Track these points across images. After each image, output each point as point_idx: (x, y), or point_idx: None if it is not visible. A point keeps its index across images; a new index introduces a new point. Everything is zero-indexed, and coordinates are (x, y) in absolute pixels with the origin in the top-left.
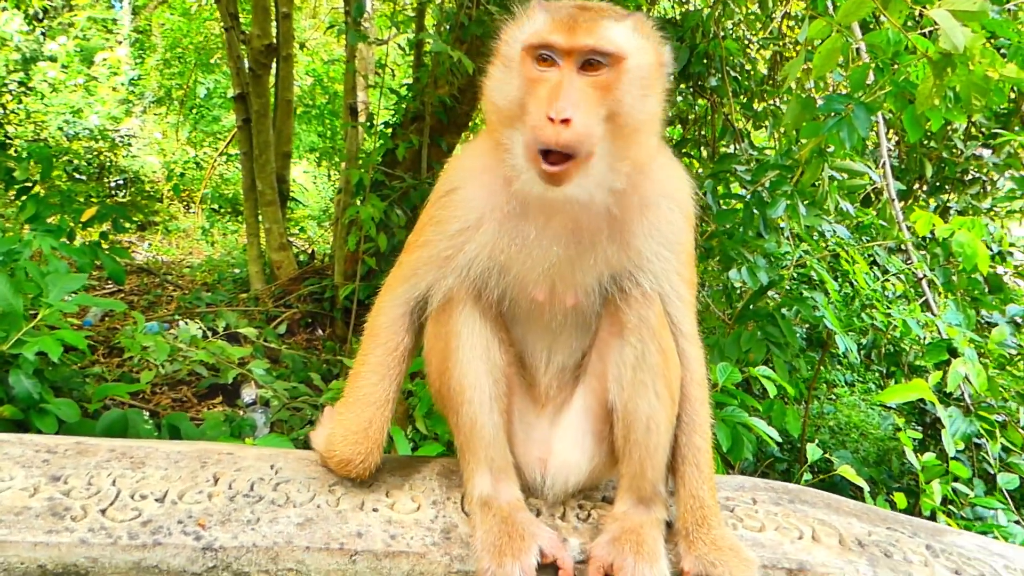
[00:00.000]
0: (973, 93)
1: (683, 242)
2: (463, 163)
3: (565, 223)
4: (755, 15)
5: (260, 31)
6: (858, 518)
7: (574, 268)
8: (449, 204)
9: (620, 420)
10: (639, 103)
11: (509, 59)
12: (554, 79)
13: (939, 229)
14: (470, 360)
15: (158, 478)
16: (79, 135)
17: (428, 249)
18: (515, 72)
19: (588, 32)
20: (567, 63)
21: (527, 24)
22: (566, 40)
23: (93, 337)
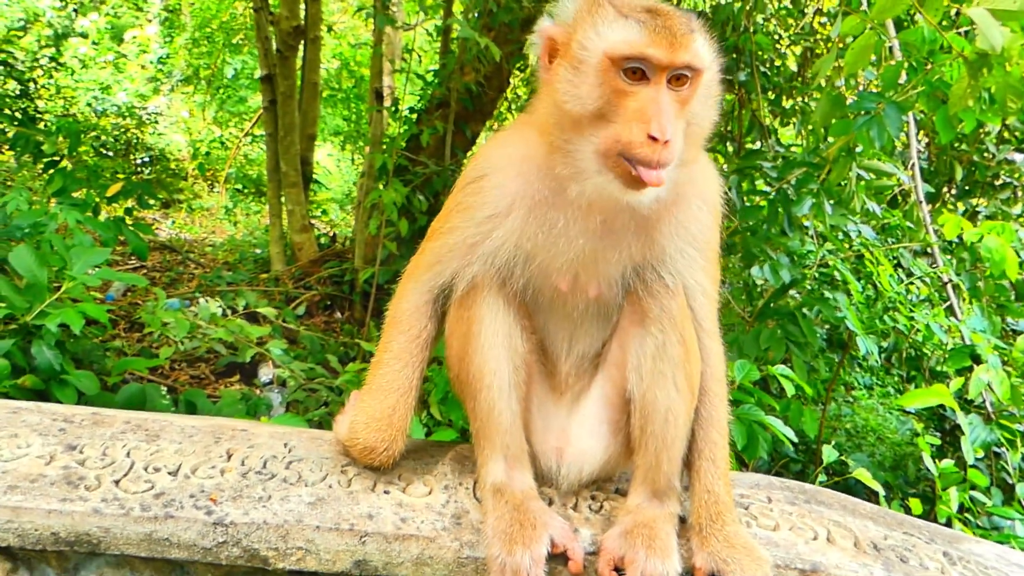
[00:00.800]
0: (1009, 95)
1: (709, 240)
2: (495, 151)
3: (595, 217)
4: (787, 10)
5: (288, 12)
6: (874, 521)
7: (598, 260)
8: (478, 190)
9: (638, 410)
10: (708, 112)
11: (585, 64)
12: (647, 94)
13: (967, 233)
14: (492, 346)
15: (172, 451)
16: (107, 111)
17: (454, 235)
18: (593, 79)
19: (686, 48)
20: (659, 77)
21: (608, 28)
22: (666, 56)
23: (115, 311)
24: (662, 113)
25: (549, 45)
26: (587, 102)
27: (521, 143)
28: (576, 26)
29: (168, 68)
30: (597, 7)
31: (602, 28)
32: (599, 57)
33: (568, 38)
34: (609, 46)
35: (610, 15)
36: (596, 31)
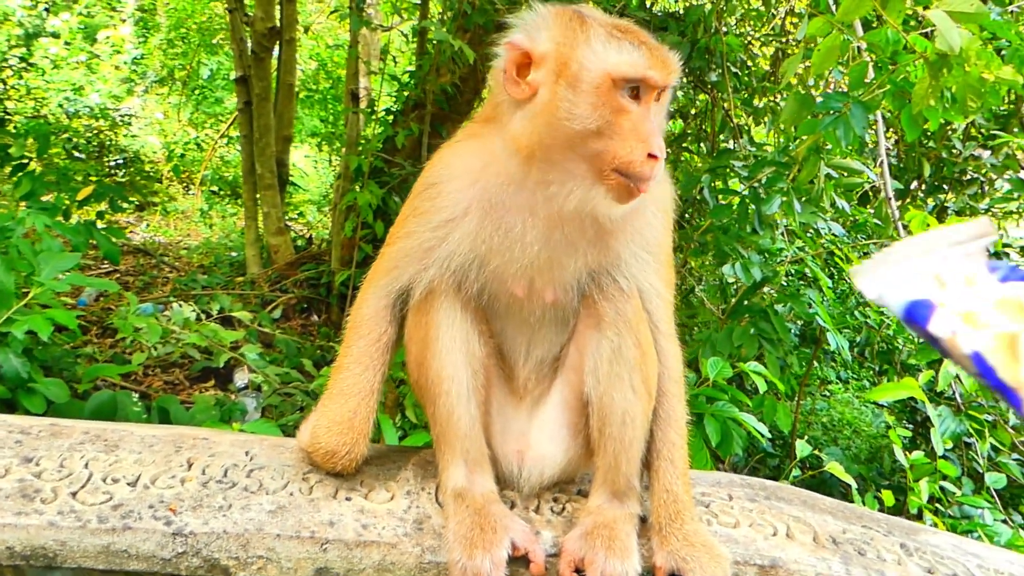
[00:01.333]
0: (969, 94)
1: (662, 244)
2: (452, 157)
3: (559, 225)
4: (757, 11)
5: (264, 13)
6: (833, 515)
7: (553, 266)
8: (435, 195)
9: (596, 413)
10: (664, 122)
11: (585, 83)
12: (640, 113)
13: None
14: (449, 351)
15: (131, 462)
16: (79, 113)
17: (411, 240)
18: (594, 99)
19: (673, 68)
20: (650, 97)
21: (608, 50)
22: (662, 78)
23: (86, 317)
24: (656, 132)
25: (520, 58)
26: (588, 121)
27: (480, 150)
28: (569, 45)
29: (142, 69)
30: (587, 28)
31: (601, 50)
32: (602, 77)
33: (564, 57)
34: (612, 67)
35: (602, 36)
36: (594, 52)
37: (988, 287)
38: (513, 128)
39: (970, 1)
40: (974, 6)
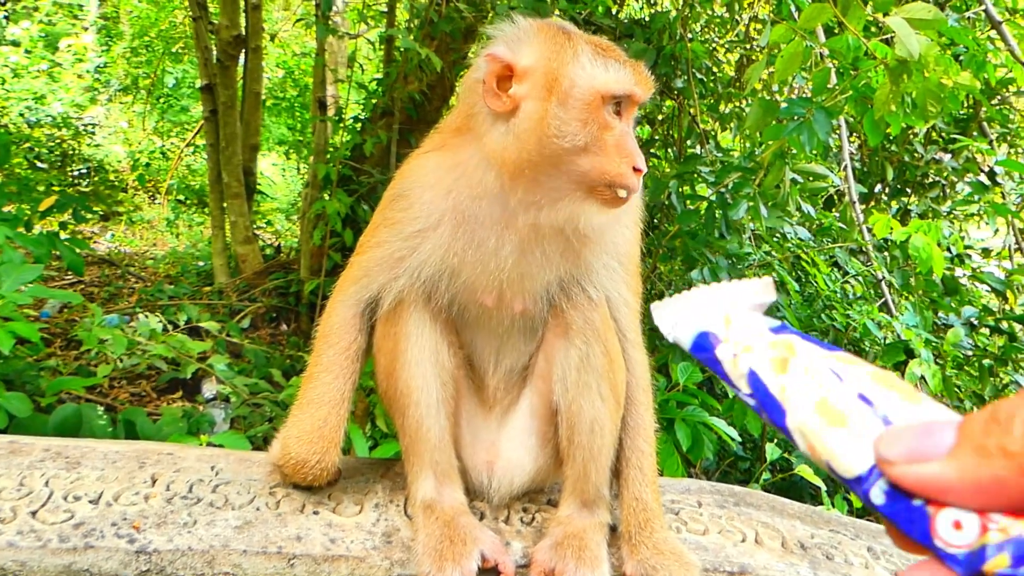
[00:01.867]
0: (928, 100)
1: (630, 252)
2: (422, 169)
3: (529, 236)
4: (721, 18)
5: (229, 21)
6: (801, 520)
7: (524, 278)
8: (407, 206)
9: (564, 421)
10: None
11: (574, 100)
12: (622, 128)
13: (896, 232)
14: (418, 362)
15: (94, 479)
16: (41, 122)
17: (381, 249)
18: (584, 115)
19: (650, 83)
20: (629, 113)
21: (596, 68)
22: (645, 92)
23: (50, 329)
24: (636, 146)
25: (501, 71)
26: (577, 137)
27: (453, 161)
28: (558, 61)
29: (106, 77)
30: (574, 45)
31: (590, 67)
32: (592, 95)
33: (553, 73)
34: (602, 85)
35: (590, 53)
36: (584, 70)
37: (765, 332)
38: (493, 142)
39: (928, 8)
40: (932, 13)
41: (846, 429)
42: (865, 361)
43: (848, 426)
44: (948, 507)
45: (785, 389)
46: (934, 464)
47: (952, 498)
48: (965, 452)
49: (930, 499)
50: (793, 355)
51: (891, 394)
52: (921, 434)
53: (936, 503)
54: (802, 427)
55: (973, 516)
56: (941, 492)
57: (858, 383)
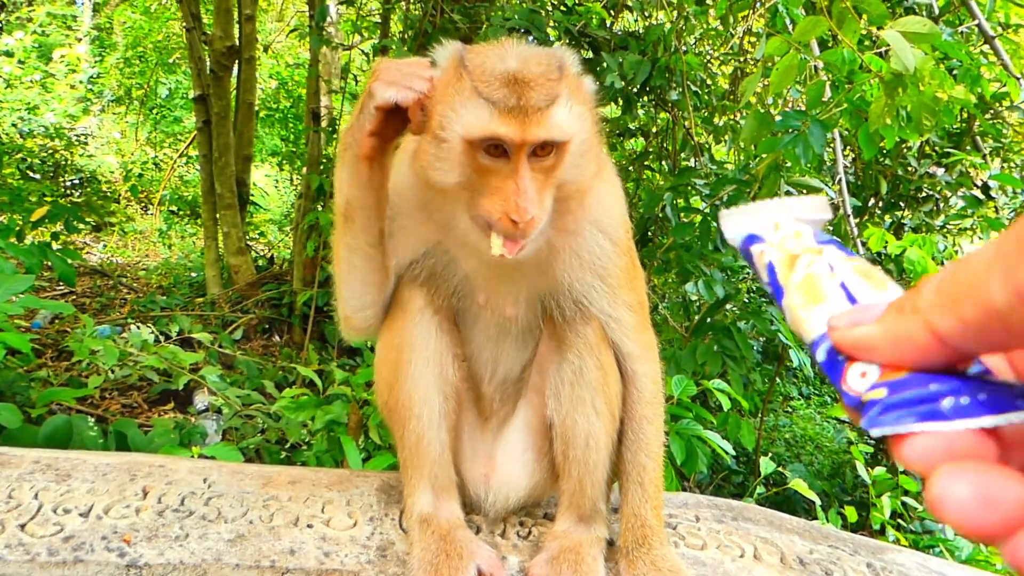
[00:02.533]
0: (923, 113)
1: (611, 267)
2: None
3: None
4: (716, 31)
5: (222, 32)
6: (800, 536)
7: (503, 281)
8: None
9: (559, 436)
10: (582, 170)
11: (448, 144)
12: (505, 171)
13: (891, 246)
14: (422, 375)
15: (84, 491)
16: (34, 132)
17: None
18: (456, 159)
19: (540, 124)
20: (518, 153)
21: (463, 109)
22: (519, 136)
23: (41, 340)
24: (520, 193)
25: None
26: (450, 177)
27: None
28: (438, 97)
29: (99, 88)
30: (458, 79)
31: (459, 107)
32: (457, 139)
33: (430, 109)
34: (464, 129)
35: (467, 91)
36: (454, 110)
37: (808, 239)
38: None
39: (923, 22)
40: (927, 27)
41: (820, 306)
42: (861, 258)
43: (821, 304)
44: (860, 361)
45: (789, 277)
46: (864, 327)
47: (875, 356)
48: (888, 315)
49: (853, 356)
50: (817, 255)
51: (865, 283)
52: (865, 308)
53: (852, 359)
54: (790, 304)
55: (875, 367)
56: (867, 350)
57: (843, 275)
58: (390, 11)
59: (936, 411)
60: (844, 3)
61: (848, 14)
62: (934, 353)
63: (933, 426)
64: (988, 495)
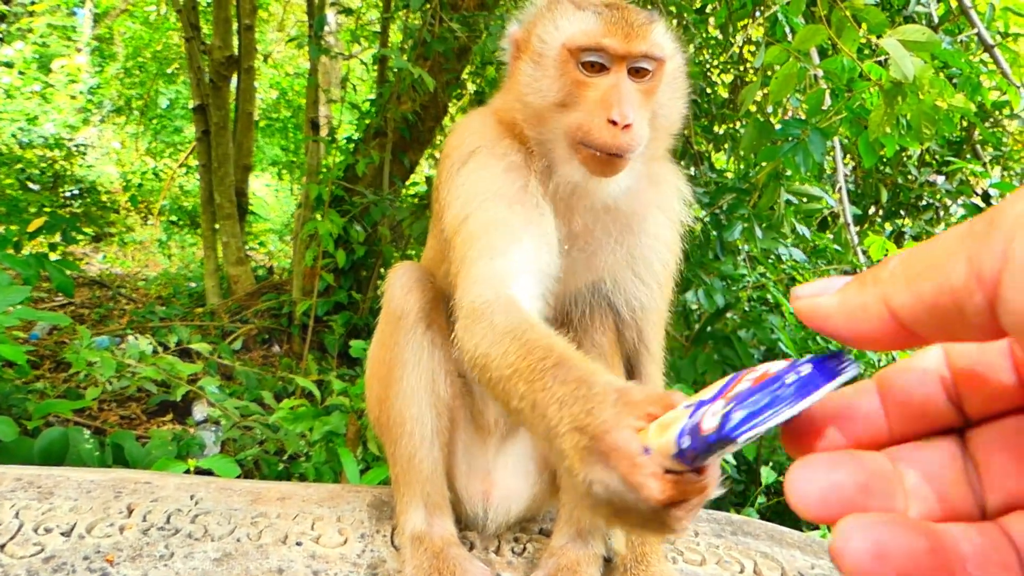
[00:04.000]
0: (923, 121)
1: (669, 255)
2: (477, 127)
3: (584, 225)
4: (715, 40)
5: (221, 42)
6: (801, 550)
7: (576, 272)
8: (486, 162)
9: None
10: (675, 104)
11: (544, 57)
12: (606, 83)
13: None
14: (414, 391)
15: (66, 509)
16: (33, 143)
17: (494, 211)
18: (553, 72)
19: (643, 37)
20: (618, 67)
21: (565, 21)
22: (622, 45)
23: (39, 351)
24: (623, 99)
25: (515, 47)
26: (548, 94)
27: (499, 132)
28: (536, 22)
29: (99, 98)
30: (556, 3)
31: (560, 21)
32: (557, 49)
33: (528, 35)
34: (567, 38)
35: (568, 9)
36: (555, 24)
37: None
38: (498, 105)
39: (922, 31)
40: (926, 35)
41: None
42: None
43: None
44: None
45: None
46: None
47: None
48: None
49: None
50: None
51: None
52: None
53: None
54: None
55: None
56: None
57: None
58: (389, 20)
59: (777, 398)
60: (843, 12)
61: (847, 23)
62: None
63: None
64: (882, 550)
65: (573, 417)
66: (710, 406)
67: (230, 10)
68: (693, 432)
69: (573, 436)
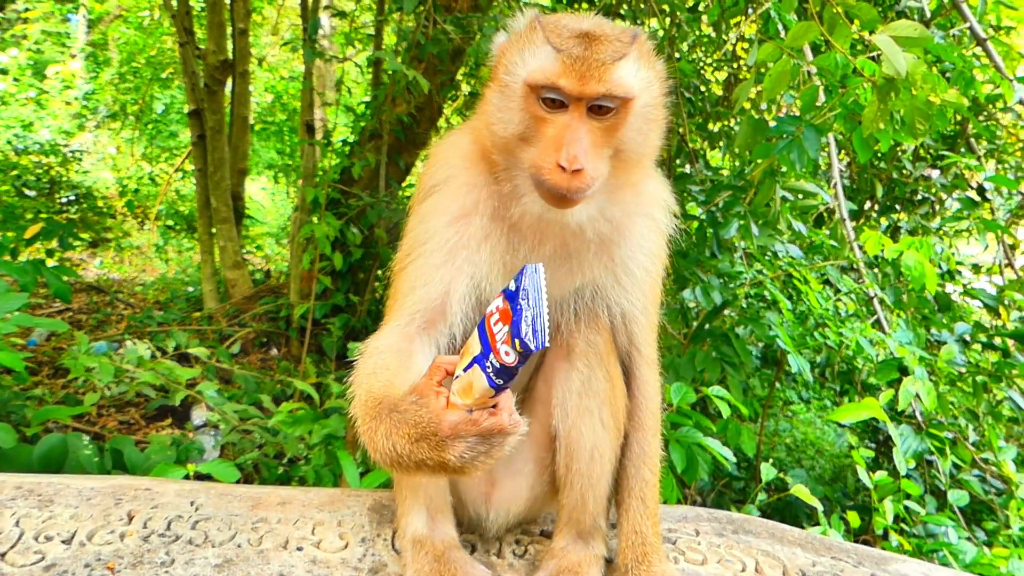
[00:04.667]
0: (917, 117)
1: (654, 262)
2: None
3: (556, 244)
4: (709, 38)
5: (216, 47)
6: (802, 548)
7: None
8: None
9: (563, 447)
10: (645, 138)
11: (510, 90)
12: (562, 122)
13: (888, 249)
14: None
15: (67, 517)
16: (29, 149)
17: (428, 244)
18: (516, 105)
19: (600, 79)
20: (576, 106)
21: (529, 55)
22: (576, 87)
23: (37, 358)
24: (573, 142)
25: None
26: (510, 126)
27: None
28: (506, 50)
29: (94, 104)
30: (531, 31)
31: (526, 54)
32: (519, 84)
33: (498, 62)
34: (527, 73)
35: (536, 42)
36: (521, 57)
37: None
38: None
39: (914, 26)
40: (918, 31)
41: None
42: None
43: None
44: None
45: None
46: None
47: None
48: None
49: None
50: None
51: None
52: None
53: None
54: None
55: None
56: None
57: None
58: (383, 23)
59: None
60: (835, 8)
61: (839, 19)
62: None
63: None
64: None
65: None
66: (491, 356)
67: (224, 15)
68: (500, 370)
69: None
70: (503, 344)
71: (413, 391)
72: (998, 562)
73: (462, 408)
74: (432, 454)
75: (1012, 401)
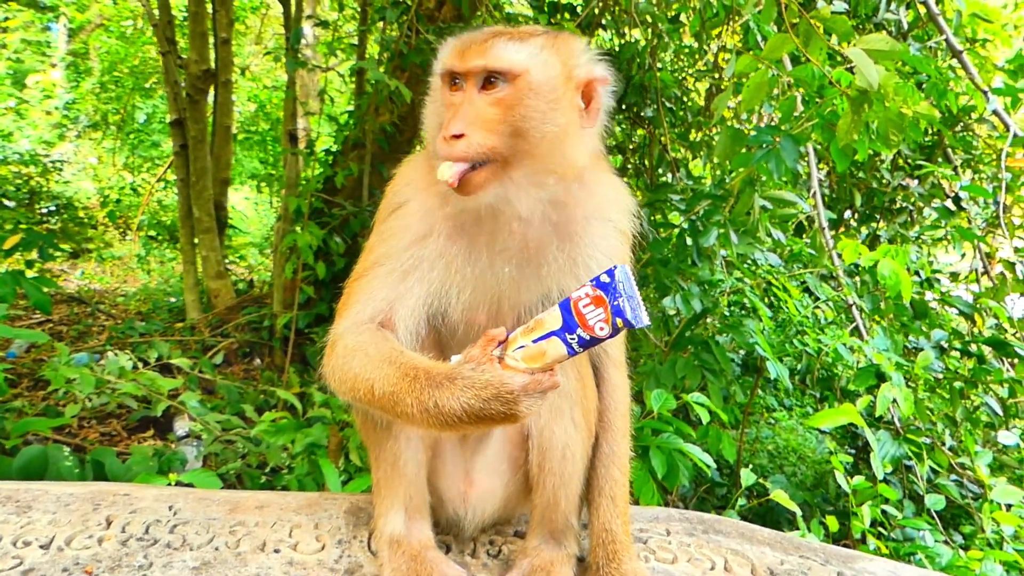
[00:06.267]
0: (890, 128)
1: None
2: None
3: (509, 239)
4: (690, 48)
5: (198, 56)
6: (771, 547)
7: (520, 287)
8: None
9: (536, 447)
10: (545, 116)
11: (433, 89)
12: (457, 100)
13: (864, 258)
14: None
15: (45, 523)
16: (8, 159)
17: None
18: (437, 99)
19: (479, 53)
20: (468, 85)
21: (441, 54)
22: (459, 63)
23: (16, 370)
24: (457, 112)
25: None
26: (432, 119)
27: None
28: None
29: (74, 113)
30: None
31: (440, 55)
32: (437, 79)
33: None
34: (438, 66)
35: (450, 42)
36: (439, 60)
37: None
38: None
39: (886, 40)
40: (889, 44)
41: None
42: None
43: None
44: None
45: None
46: None
47: None
48: None
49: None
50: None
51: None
52: None
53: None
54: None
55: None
56: None
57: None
58: (366, 33)
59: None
60: (812, 22)
61: (814, 32)
62: None
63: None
64: None
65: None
66: (579, 330)
67: (207, 24)
68: (588, 341)
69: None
70: (599, 322)
71: (469, 359)
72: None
73: (522, 371)
74: (505, 408)
75: (988, 407)
